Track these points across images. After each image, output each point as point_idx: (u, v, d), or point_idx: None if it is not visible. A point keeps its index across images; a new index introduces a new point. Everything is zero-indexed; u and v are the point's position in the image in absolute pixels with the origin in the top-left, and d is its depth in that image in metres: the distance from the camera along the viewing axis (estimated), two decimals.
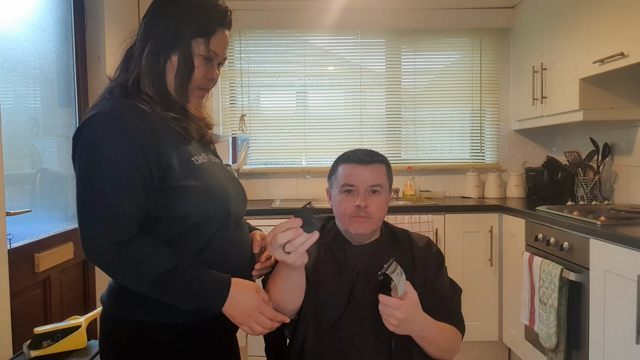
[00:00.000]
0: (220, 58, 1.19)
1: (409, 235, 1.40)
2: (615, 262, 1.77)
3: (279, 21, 3.23)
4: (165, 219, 1.08)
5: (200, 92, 1.19)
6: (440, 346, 1.26)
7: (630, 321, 1.68)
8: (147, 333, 1.09)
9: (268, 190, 3.38)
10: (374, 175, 1.31)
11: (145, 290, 1.05)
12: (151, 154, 1.04)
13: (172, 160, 1.07)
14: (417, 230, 2.74)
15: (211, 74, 1.17)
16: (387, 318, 1.16)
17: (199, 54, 1.13)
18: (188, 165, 1.11)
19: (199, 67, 1.14)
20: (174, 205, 1.07)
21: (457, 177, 3.41)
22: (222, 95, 3.32)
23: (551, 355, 2.15)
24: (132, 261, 1.01)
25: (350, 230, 1.31)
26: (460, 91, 3.41)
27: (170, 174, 1.07)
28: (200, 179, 1.11)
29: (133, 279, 1.04)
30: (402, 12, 3.23)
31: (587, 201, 2.70)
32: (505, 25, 3.29)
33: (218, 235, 1.13)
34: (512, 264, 2.71)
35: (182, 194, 1.08)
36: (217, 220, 1.13)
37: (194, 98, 1.19)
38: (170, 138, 1.10)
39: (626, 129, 2.64)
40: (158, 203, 1.06)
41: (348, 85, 3.39)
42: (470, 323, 1.51)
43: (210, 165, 1.19)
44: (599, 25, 2.29)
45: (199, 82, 1.16)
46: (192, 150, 1.16)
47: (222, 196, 1.15)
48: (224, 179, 1.20)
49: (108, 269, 1.05)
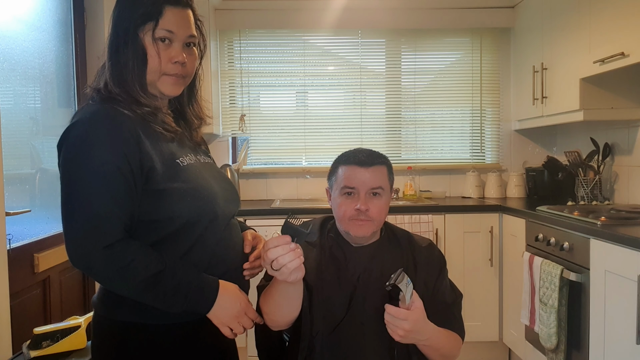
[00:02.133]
0: (181, 36, 1.12)
1: (410, 237, 1.39)
2: (616, 262, 1.77)
3: (279, 21, 3.22)
4: (150, 222, 1.07)
5: (170, 79, 1.13)
6: (442, 353, 1.26)
7: (631, 321, 1.67)
8: (138, 334, 1.09)
9: (268, 190, 3.37)
10: (375, 177, 1.29)
11: (132, 294, 1.05)
12: (132, 158, 1.03)
13: (155, 163, 1.06)
14: (417, 230, 2.73)
15: (175, 56, 1.11)
16: (393, 329, 1.15)
17: (151, 40, 1.09)
18: (172, 168, 1.10)
19: (154, 54, 1.09)
20: (158, 209, 1.06)
21: (457, 177, 3.41)
22: (222, 95, 3.31)
23: (551, 355, 2.14)
24: (118, 265, 1.00)
25: (350, 233, 1.29)
26: (460, 91, 3.41)
27: (153, 176, 1.06)
28: (185, 181, 1.10)
29: (119, 283, 1.03)
30: (402, 12, 3.23)
31: (588, 201, 2.69)
32: (506, 25, 3.28)
33: (205, 236, 1.12)
34: (512, 264, 2.71)
35: (165, 197, 1.06)
36: (203, 222, 1.11)
37: (166, 86, 1.13)
38: (153, 139, 1.09)
39: (626, 129, 2.63)
40: (142, 206, 1.05)
41: (348, 85, 3.39)
42: (470, 323, 1.51)
43: (197, 166, 1.17)
44: (599, 25, 2.28)
45: (162, 67, 1.11)
46: (177, 152, 1.14)
47: (208, 198, 1.13)
48: (211, 180, 1.18)
49: (94, 274, 1.04)
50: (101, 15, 2.44)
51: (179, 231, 1.09)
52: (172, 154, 1.12)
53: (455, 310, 1.34)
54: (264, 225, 2.73)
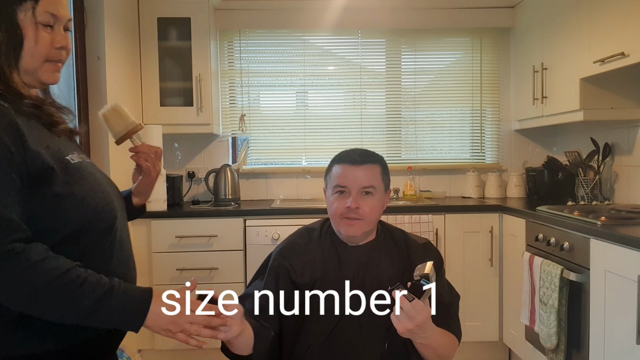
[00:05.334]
0: (62, 20, 1.02)
1: (406, 236, 1.39)
2: (616, 262, 1.77)
3: (279, 21, 3.22)
4: (38, 226, 0.94)
5: (52, 65, 1.02)
6: (439, 353, 1.25)
7: (631, 321, 1.67)
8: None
9: (268, 190, 3.38)
10: (366, 176, 1.29)
11: (39, 299, 0.90)
12: (17, 156, 0.91)
13: (44, 161, 0.94)
14: (417, 230, 2.73)
15: (59, 42, 1.01)
16: (402, 321, 1.11)
17: (31, 21, 0.97)
18: (63, 166, 0.98)
19: (33, 38, 0.98)
20: (48, 213, 0.95)
21: (457, 177, 3.41)
22: (222, 95, 3.31)
23: (551, 355, 2.14)
24: (24, 265, 0.88)
25: (341, 232, 1.30)
26: (460, 91, 3.41)
27: (47, 178, 0.94)
28: (79, 182, 0.99)
29: (22, 288, 0.89)
30: (402, 12, 3.23)
31: (588, 201, 2.69)
32: (506, 25, 3.28)
33: (101, 245, 1.02)
34: (512, 264, 2.71)
35: (59, 200, 0.95)
36: (98, 228, 1.01)
37: (47, 74, 1.02)
38: (37, 135, 0.97)
39: (627, 129, 2.63)
40: (31, 210, 0.93)
41: (348, 85, 3.39)
42: (470, 323, 1.51)
43: (86, 165, 1.07)
44: (599, 25, 2.28)
45: (45, 53, 1.00)
46: (64, 148, 1.02)
47: (105, 201, 1.04)
48: (103, 182, 1.09)
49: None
50: (101, 15, 2.44)
51: (69, 237, 0.97)
52: (60, 150, 1.00)
53: (453, 312, 1.34)
54: (264, 225, 2.73)
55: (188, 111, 2.97)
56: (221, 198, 3.10)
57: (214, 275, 2.70)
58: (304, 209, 2.83)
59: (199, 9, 2.96)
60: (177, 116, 2.97)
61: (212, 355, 2.85)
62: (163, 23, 2.96)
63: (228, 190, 3.11)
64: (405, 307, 1.10)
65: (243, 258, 2.75)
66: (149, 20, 2.93)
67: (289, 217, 2.76)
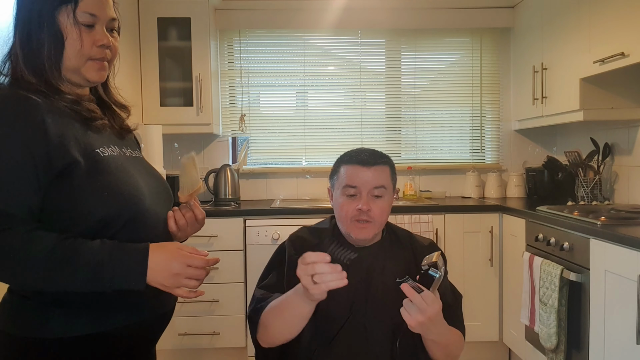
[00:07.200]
0: (104, 19, 1.05)
1: (411, 236, 1.39)
2: (616, 262, 1.77)
3: (279, 21, 3.22)
4: (60, 216, 0.98)
5: (95, 64, 1.06)
6: (448, 351, 1.25)
7: (631, 321, 1.67)
8: (34, 350, 0.98)
9: (268, 190, 3.38)
10: (377, 177, 1.28)
11: (38, 269, 0.92)
12: (37, 149, 0.94)
13: (70, 155, 0.97)
14: (417, 230, 2.73)
15: (100, 40, 1.04)
16: (413, 314, 1.08)
17: (72, 23, 1.01)
18: (91, 159, 1.01)
19: (76, 38, 1.01)
20: (71, 202, 0.97)
21: (457, 177, 3.41)
22: (222, 95, 3.31)
23: (551, 355, 2.14)
24: (18, 245, 0.91)
25: (352, 235, 1.29)
26: (460, 91, 3.41)
27: (70, 170, 0.97)
28: (103, 173, 1.01)
29: (18, 262, 0.92)
30: (402, 12, 3.23)
31: (588, 201, 2.69)
32: (506, 25, 3.29)
33: (122, 237, 1.01)
34: (512, 264, 2.71)
35: (81, 189, 0.97)
36: (120, 221, 1.01)
37: (91, 72, 1.06)
38: (68, 129, 1.00)
39: (626, 129, 2.64)
40: (52, 199, 0.96)
41: (348, 85, 3.39)
42: (470, 323, 1.51)
43: (121, 159, 1.08)
44: (599, 25, 2.28)
45: (87, 52, 1.03)
46: (96, 142, 1.05)
47: (129, 194, 1.03)
48: (136, 175, 1.09)
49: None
50: None
51: (93, 229, 0.98)
52: (90, 144, 1.03)
53: (458, 312, 1.34)
54: (264, 225, 2.73)
55: (188, 111, 2.97)
56: (221, 198, 3.10)
57: (214, 275, 2.70)
58: (304, 209, 2.83)
59: (199, 9, 2.96)
60: (177, 116, 2.97)
61: (213, 355, 2.87)
62: (163, 23, 2.96)
63: (228, 190, 3.11)
64: (415, 299, 1.08)
65: (243, 258, 2.75)
66: (149, 20, 2.93)
67: (289, 217, 2.76)
